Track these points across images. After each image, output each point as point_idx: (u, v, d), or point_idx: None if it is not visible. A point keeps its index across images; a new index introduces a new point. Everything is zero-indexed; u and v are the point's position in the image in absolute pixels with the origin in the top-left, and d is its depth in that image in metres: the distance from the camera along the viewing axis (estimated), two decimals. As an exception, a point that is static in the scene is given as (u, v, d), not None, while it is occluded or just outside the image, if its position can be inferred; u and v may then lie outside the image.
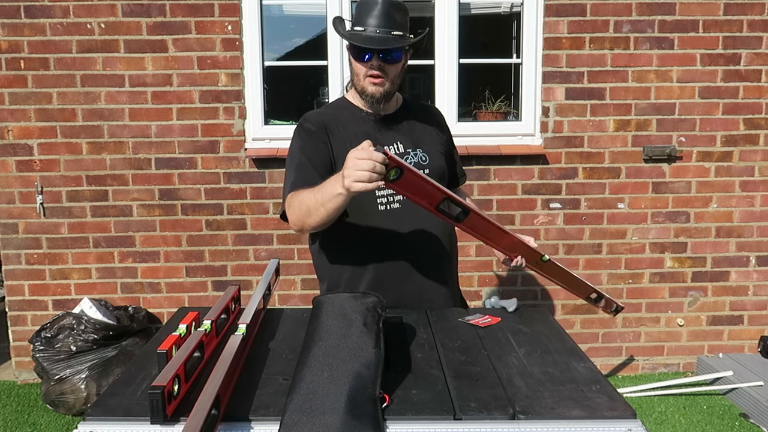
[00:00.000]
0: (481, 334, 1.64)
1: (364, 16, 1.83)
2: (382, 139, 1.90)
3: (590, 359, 1.50)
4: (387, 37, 1.81)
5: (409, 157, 1.93)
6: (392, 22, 1.81)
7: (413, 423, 1.20)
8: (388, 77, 1.86)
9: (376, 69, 1.84)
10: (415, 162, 1.93)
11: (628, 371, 3.80)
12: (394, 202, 1.92)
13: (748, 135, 3.60)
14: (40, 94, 3.47)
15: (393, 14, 1.82)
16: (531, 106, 3.60)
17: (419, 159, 1.95)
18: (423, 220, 1.90)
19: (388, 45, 1.80)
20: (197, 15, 3.43)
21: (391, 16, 1.81)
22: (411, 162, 1.91)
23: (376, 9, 1.81)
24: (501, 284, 3.72)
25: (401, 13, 1.84)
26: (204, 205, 3.60)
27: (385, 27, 1.81)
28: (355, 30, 1.85)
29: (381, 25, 1.81)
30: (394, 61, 1.85)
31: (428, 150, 1.98)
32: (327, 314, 1.45)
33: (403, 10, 1.86)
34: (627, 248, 3.68)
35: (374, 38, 1.81)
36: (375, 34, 1.81)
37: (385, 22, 1.81)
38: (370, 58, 1.83)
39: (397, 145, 1.94)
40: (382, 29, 1.81)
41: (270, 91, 3.70)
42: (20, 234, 3.58)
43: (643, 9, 3.46)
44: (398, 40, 1.82)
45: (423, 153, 1.96)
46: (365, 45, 1.82)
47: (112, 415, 1.23)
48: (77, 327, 3.21)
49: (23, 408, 3.36)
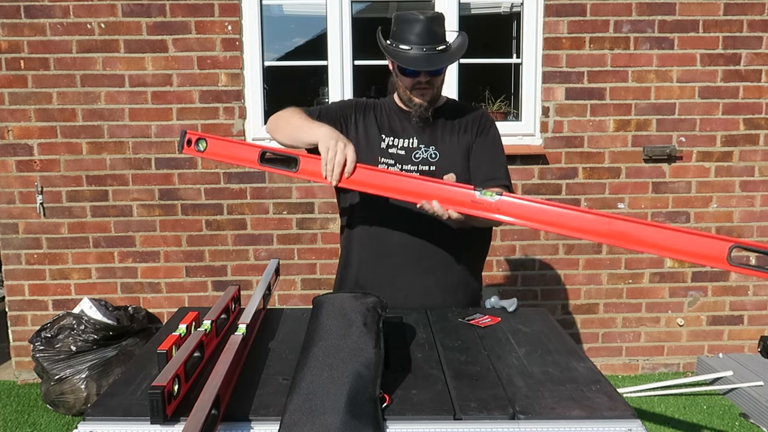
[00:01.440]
0: (481, 334, 1.64)
1: (407, 34, 1.88)
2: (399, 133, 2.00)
3: (590, 359, 1.50)
4: (432, 55, 1.86)
5: (420, 152, 1.98)
6: (435, 38, 1.87)
7: (413, 423, 1.20)
8: (434, 87, 1.95)
9: (424, 84, 1.92)
10: (424, 158, 1.97)
11: (628, 371, 3.80)
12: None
13: (748, 135, 3.60)
14: (40, 94, 3.47)
15: (435, 29, 1.87)
16: (531, 106, 3.60)
17: (428, 156, 1.98)
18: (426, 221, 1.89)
19: (437, 65, 1.87)
20: (197, 15, 3.43)
21: (434, 31, 1.87)
22: (420, 157, 1.97)
23: (419, 27, 1.86)
24: (501, 284, 3.72)
25: (442, 27, 1.90)
26: (204, 205, 3.60)
27: (431, 43, 1.86)
28: (399, 48, 1.89)
29: (426, 42, 1.86)
30: (439, 74, 1.93)
31: (443, 150, 1.99)
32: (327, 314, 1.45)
33: (441, 22, 1.91)
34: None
35: (421, 57, 1.86)
36: (421, 52, 1.86)
37: (429, 38, 1.86)
38: (419, 74, 1.90)
39: (412, 141, 1.99)
40: (428, 46, 1.86)
41: (270, 91, 3.70)
42: (20, 234, 3.58)
43: (643, 9, 3.46)
44: (444, 58, 1.88)
45: (435, 151, 1.99)
46: (416, 68, 1.88)
47: (112, 415, 1.23)
48: (77, 327, 3.21)
49: (23, 408, 3.36)
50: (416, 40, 1.86)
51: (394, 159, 1.98)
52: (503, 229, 3.63)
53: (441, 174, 1.78)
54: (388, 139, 2.00)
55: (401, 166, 1.97)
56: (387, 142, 2.00)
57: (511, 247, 3.67)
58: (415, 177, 1.74)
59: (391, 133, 2.01)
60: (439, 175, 1.82)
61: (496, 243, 3.65)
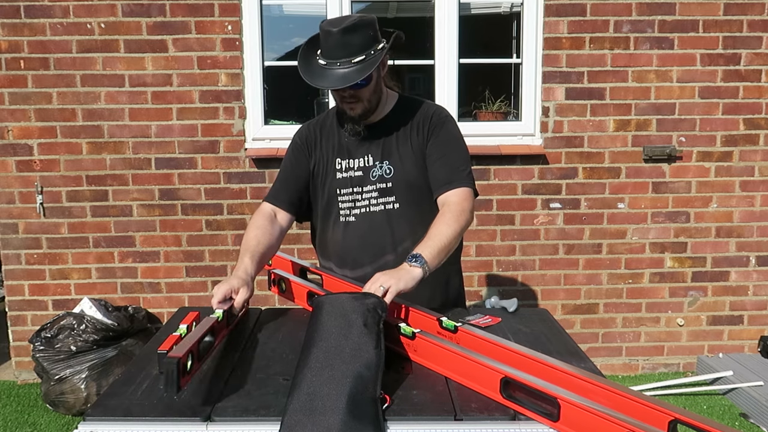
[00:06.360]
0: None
1: (324, 47, 1.79)
2: (354, 152, 1.94)
3: (590, 359, 1.50)
4: (348, 71, 1.75)
5: (376, 170, 1.93)
6: (351, 49, 1.75)
7: (414, 423, 1.20)
8: (363, 99, 1.85)
9: (348, 99, 1.84)
10: (379, 175, 1.93)
11: (628, 371, 3.80)
12: (350, 215, 1.96)
13: (748, 135, 3.60)
14: (40, 94, 3.47)
15: (350, 40, 1.74)
16: (531, 106, 3.60)
17: (383, 172, 1.93)
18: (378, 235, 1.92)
19: (348, 82, 1.75)
20: (197, 15, 3.43)
21: (349, 43, 1.74)
22: (376, 175, 1.92)
23: (333, 40, 1.75)
24: (501, 284, 3.72)
25: (359, 34, 1.76)
26: (204, 205, 3.59)
27: (347, 56, 1.75)
28: (318, 62, 1.81)
29: (339, 56, 1.75)
30: (363, 86, 1.82)
31: (396, 162, 1.92)
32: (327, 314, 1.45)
33: (360, 29, 1.77)
34: (627, 248, 3.68)
35: (333, 75, 1.76)
36: (336, 67, 1.76)
37: (344, 52, 1.75)
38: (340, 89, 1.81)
39: (367, 158, 1.94)
40: (343, 60, 1.75)
41: (270, 91, 3.70)
42: (20, 234, 3.57)
43: (643, 9, 3.46)
44: (359, 71, 1.75)
45: (389, 166, 1.92)
46: (322, 86, 1.82)
47: (112, 415, 1.24)
48: (77, 327, 3.21)
49: (23, 408, 3.36)
50: (332, 54, 1.76)
51: (352, 185, 1.94)
52: (503, 229, 3.64)
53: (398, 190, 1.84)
54: (344, 163, 1.95)
55: (361, 188, 1.93)
56: (343, 165, 1.95)
57: (511, 247, 3.67)
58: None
59: (346, 154, 1.96)
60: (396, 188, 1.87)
61: (496, 243, 3.65)
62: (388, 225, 1.92)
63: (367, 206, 1.93)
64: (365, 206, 1.94)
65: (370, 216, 1.93)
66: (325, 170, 1.98)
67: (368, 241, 1.93)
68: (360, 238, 1.95)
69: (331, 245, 2.02)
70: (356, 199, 1.94)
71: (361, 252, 1.94)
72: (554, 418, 1.17)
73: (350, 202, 1.95)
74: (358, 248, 1.95)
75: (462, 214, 1.79)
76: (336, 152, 1.97)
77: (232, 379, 1.39)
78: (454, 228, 1.74)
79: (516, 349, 1.43)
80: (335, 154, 1.97)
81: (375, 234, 1.92)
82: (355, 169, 1.94)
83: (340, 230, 1.98)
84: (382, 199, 1.92)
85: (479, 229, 3.63)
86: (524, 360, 1.38)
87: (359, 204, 1.94)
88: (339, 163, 1.96)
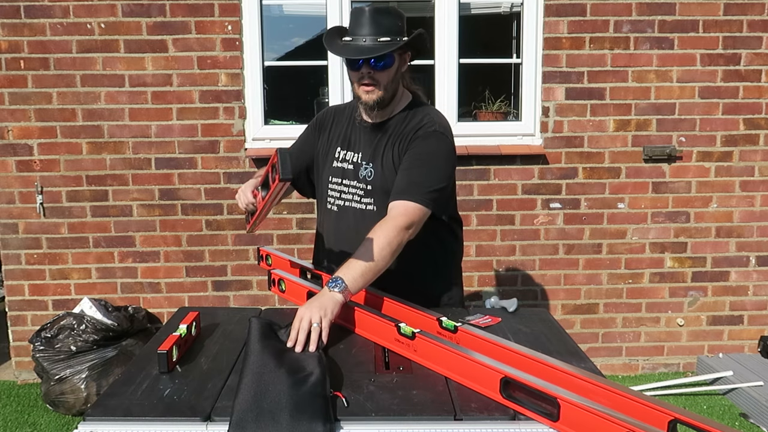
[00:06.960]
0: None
1: (354, 26, 1.83)
2: (353, 146, 1.99)
3: (590, 359, 1.50)
4: (374, 45, 1.79)
5: (362, 170, 1.95)
6: (379, 29, 1.79)
7: (414, 423, 1.20)
8: (380, 84, 1.85)
9: (366, 78, 1.84)
10: (364, 176, 1.95)
11: (628, 371, 3.80)
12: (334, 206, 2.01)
13: (748, 135, 3.60)
14: (40, 94, 3.47)
15: (380, 20, 1.79)
16: (531, 106, 3.60)
17: (366, 174, 1.95)
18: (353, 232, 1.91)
19: (372, 53, 1.77)
20: (197, 15, 3.43)
21: (378, 22, 1.79)
22: (362, 176, 1.95)
23: (363, 17, 1.80)
24: (501, 284, 3.72)
25: (390, 18, 1.81)
26: (204, 205, 3.59)
27: (373, 34, 1.78)
28: (344, 41, 1.84)
29: (369, 33, 1.79)
30: (384, 68, 1.83)
31: (377, 167, 1.92)
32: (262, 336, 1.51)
33: (392, 15, 1.83)
34: (627, 248, 3.68)
35: (361, 47, 1.79)
36: (363, 43, 1.79)
37: (373, 29, 1.79)
38: (360, 67, 1.83)
39: (360, 156, 1.96)
40: (370, 37, 1.78)
41: (270, 91, 3.69)
42: (20, 234, 3.57)
43: (643, 9, 3.46)
44: (384, 46, 1.77)
45: (371, 168, 1.93)
46: (348, 56, 1.83)
47: (112, 415, 1.24)
48: (77, 327, 3.21)
49: (23, 408, 3.36)
50: (361, 31, 1.80)
51: (343, 176, 1.98)
52: (503, 229, 3.64)
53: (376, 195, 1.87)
54: (342, 153, 2.00)
55: (349, 182, 1.96)
56: (341, 155, 2.00)
57: (511, 247, 3.67)
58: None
59: (347, 145, 2.00)
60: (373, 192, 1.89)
61: (496, 243, 3.65)
62: (362, 224, 1.88)
63: (350, 201, 1.97)
64: (348, 200, 1.98)
65: (349, 212, 1.97)
66: (326, 154, 2.04)
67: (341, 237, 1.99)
68: (335, 230, 2.01)
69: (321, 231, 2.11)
70: (342, 191, 1.99)
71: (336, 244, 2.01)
72: (554, 418, 1.17)
73: (337, 192, 2.00)
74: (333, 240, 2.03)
75: (395, 231, 1.72)
76: (340, 140, 2.02)
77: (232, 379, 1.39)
78: (382, 247, 1.68)
79: (516, 349, 1.43)
80: (338, 142, 2.02)
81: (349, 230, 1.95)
82: (348, 161, 1.98)
83: (325, 218, 2.06)
84: (365, 199, 1.95)
85: (479, 229, 3.63)
86: (524, 360, 1.38)
87: (344, 196, 1.99)
88: (338, 151, 2.01)
